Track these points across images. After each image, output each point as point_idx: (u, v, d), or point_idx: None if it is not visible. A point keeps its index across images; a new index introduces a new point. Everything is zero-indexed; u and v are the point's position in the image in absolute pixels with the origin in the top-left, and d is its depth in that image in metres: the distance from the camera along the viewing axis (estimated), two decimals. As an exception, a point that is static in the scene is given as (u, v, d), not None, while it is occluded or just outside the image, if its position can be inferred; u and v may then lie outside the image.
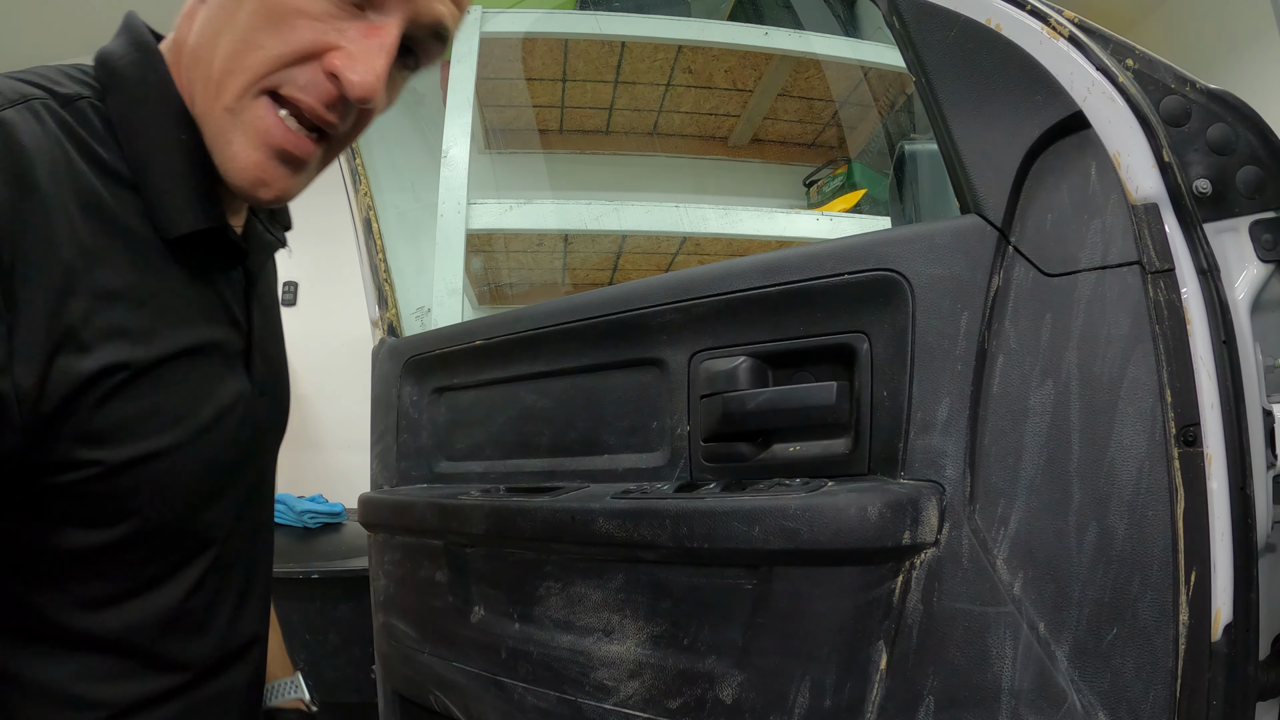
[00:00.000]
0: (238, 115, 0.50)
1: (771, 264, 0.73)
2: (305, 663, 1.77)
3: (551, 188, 2.31)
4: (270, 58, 0.49)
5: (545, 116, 2.21)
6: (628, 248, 2.03)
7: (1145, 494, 0.53)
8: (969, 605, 0.58)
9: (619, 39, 1.81)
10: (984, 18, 0.64)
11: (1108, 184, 0.58)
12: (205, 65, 0.50)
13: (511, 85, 2.02)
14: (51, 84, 0.49)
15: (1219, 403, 0.52)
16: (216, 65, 0.50)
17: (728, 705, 0.67)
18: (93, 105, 0.50)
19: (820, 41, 1.79)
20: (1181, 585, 0.52)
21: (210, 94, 0.50)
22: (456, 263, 1.45)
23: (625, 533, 0.72)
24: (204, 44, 0.51)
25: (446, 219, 1.48)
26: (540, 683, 0.81)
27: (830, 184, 2.14)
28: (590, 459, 0.89)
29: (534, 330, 0.93)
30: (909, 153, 1.32)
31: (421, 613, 0.99)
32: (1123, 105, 0.57)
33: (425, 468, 1.09)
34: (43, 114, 0.47)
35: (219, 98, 0.50)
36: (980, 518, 0.60)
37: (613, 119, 2.23)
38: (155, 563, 0.54)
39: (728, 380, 0.74)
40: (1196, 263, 0.55)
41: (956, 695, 0.58)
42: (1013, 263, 0.61)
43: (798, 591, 0.64)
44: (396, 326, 1.24)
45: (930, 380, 0.63)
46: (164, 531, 0.53)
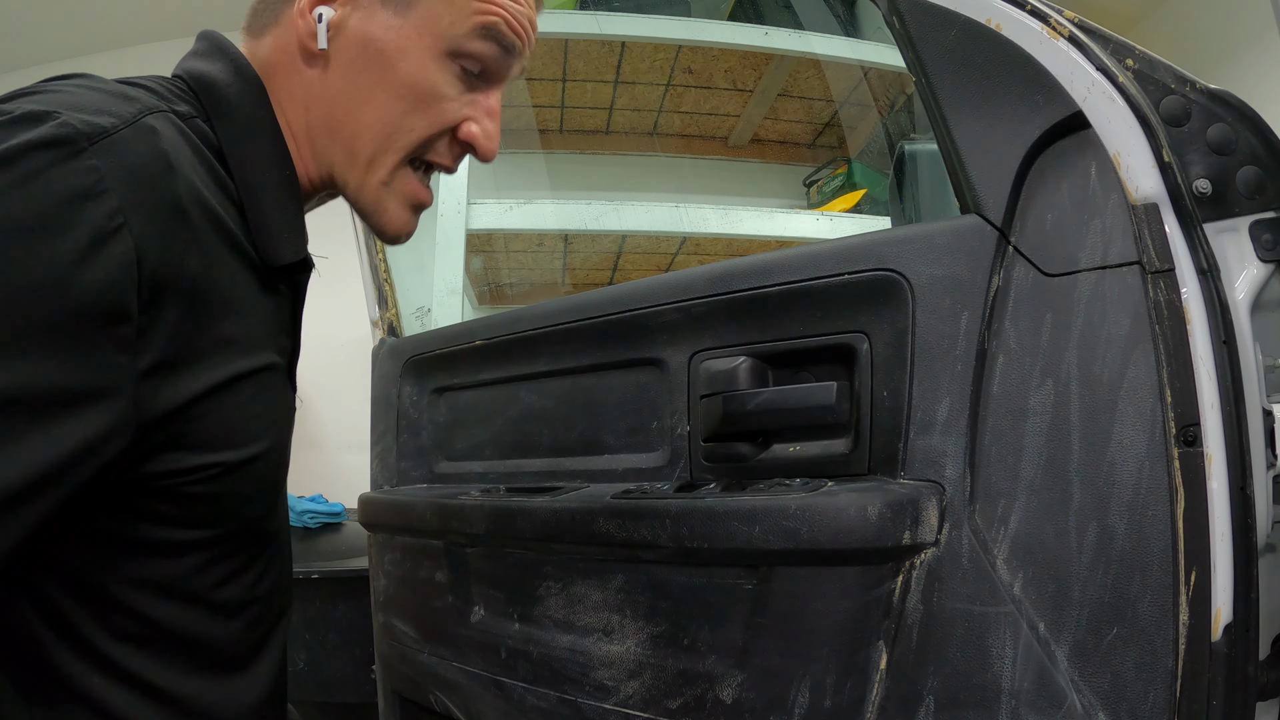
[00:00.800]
0: (391, 186, 0.59)
1: (771, 264, 0.73)
2: (305, 663, 1.78)
3: (551, 188, 2.31)
4: (420, 139, 0.58)
5: (545, 116, 2.21)
6: (628, 248, 2.03)
7: (1145, 494, 0.53)
8: (969, 605, 0.58)
9: (619, 39, 1.81)
10: (984, 18, 0.64)
11: (1108, 184, 0.58)
12: (348, 140, 0.57)
13: (511, 85, 2.02)
14: (166, 100, 0.50)
15: (1219, 403, 0.52)
16: (366, 144, 0.57)
17: (728, 705, 0.67)
18: (204, 126, 0.52)
19: (820, 41, 1.79)
20: (1181, 585, 0.52)
21: (360, 168, 0.58)
22: (456, 263, 1.45)
23: (625, 533, 0.72)
24: (341, 117, 0.57)
25: (446, 219, 1.48)
26: (540, 683, 0.81)
27: (830, 184, 2.14)
28: (590, 459, 0.89)
29: (534, 330, 0.93)
30: (909, 153, 1.32)
31: (421, 613, 0.99)
32: (1123, 105, 0.57)
33: (425, 468, 1.09)
34: (177, 125, 0.48)
35: (373, 172, 0.58)
36: (980, 518, 0.60)
37: (613, 119, 2.23)
38: (236, 557, 0.57)
39: (728, 380, 0.74)
40: (1196, 263, 0.55)
41: (956, 695, 0.58)
42: (1013, 263, 0.61)
43: (798, 592, 0.64)
44: (396, 326, 1.24)
45: (930, 380, 0.63)
46: (250, 529, 0.57)
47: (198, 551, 0.53)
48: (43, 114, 0.40)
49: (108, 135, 0.42)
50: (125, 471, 0.46)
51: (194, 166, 0.47)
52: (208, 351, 0.48)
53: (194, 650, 0.54)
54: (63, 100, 0.42)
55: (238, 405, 0.51)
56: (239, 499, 0.54)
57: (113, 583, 0.49)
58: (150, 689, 0.52)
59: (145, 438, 0.45)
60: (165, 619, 0.52)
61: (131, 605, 0.50)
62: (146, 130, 0.44)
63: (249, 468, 0.53)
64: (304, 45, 0.56)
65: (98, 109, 0.43)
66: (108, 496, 0.47)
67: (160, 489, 0.48)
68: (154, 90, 0.51)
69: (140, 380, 0.43)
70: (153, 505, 0.49)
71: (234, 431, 0.51)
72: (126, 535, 0.49)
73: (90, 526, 0.48)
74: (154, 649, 0.52)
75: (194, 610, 0.53)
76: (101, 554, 0.49)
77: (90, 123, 0.41)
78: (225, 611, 0.56)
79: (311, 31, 0.55)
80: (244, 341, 0.51)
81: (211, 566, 0.54)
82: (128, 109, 0.44)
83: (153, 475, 0.47)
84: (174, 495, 0.49)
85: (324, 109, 0.57)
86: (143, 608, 0.51)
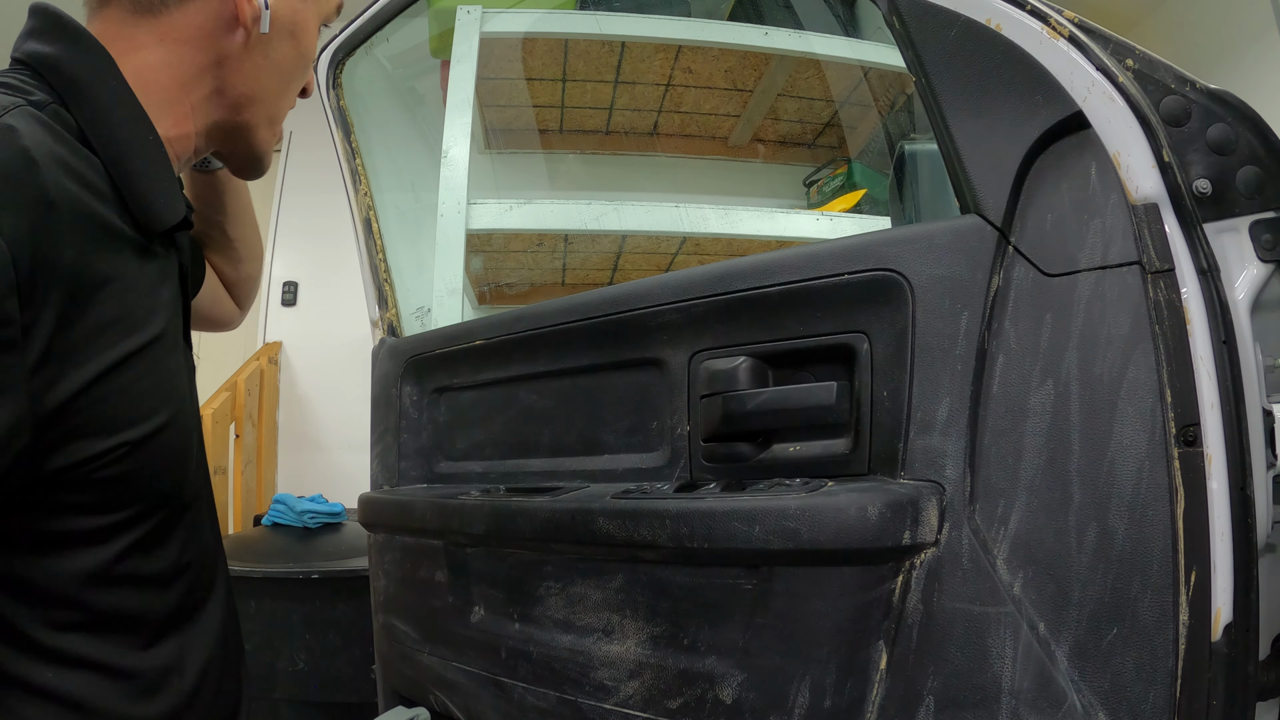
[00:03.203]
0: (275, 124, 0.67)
1: (771, 264, 0.73)
2: (305, 663, 1.78)
3: (551, 188, 2.31)
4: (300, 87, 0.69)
5: (545, 116, 2.21)
6: (628, 248, 2.03)
7: (1145, 494, 0.53)
8: (969, 605, 0.58)
9: (619, 39, 1.81)
10: (984, 18, 0.64)
11: (1108, 184, 0.58)
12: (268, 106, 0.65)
13: (511, 85, 2.02)
14: (20, 92, 0.50)
15: (1219, 403, 0.52)
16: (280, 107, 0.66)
17: (728, 705, 0.67)
18: (60, 110, 0.52)
19: (820, 41, 1.79)
20: (1181, 585, 0.52)
21: (271, 126, 0.66)
22: (456, 263, 1.45)
23: (625, 533, 0.72)
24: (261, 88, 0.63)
25: (446, 219, 1.48)
26: (540, 683, 0.81)
27: (830, 184, 2.14)
28: (590, 459, 0.89)
29: (534, 330, 0.93)
30: (909, 153, 1.32)
31: (421, 613, 0.99)
32: (1123, 105, 0.57)
33: (425, 468, 1.09)
34: (36, 117, 0.48)
35: (274, 127, 0.67)
36: (980, 518, 0.60)
37: (613, 119, 2.23)
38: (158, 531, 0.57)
39: (728, 380, 0.74)
40: (1196, 263, 0.55)
41: (956, 695, 0.58)
42: (1013, 263, 0.61)
43: (798, 591, 0.64)
44: (396, 326, 1.24)
45: (930, 380, 0.63)
46: (167, 500, 0.57)
47: (121, 533, 0.53)
48: None
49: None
50: (33, 468, 0.46)
51: (57, 157, 0.47)
52: (94, 337, 0.48)
53: (137, 625, 0.55)
54: None
55: (132, 383, 0.51)
56: (149, 474, 0.54)
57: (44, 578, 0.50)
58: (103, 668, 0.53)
59: (46, 431, 0.46)
60: (102, 603, 0.53)
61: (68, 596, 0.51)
62: (4, 130, 0.45)
63: (153, 441, 0.54)
64: (229, 26, 0.59)
65: None
66: (21, 496, 0.47)
67: (71, 480, 0.49)
68: (7, 86, 0.50)
69: (31, 376, 0.44)
70: (67, 497, 0.50)
71: (132, 409, 0.52)
72: (48, 530, 0.50)
73: (10, 527, 0.48)
74: (98, 632, 0.53)
75: (128, 589, 0.54)
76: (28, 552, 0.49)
77: None
78: (158, 584, 0.57)
79: (254, 16, 0.59)
80: (129, 318, 0.52)
81: (136, 545, 0.55)
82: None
83: (61, 468, 0.48)
84: (85, 483, 0.50)
85: (242, 81, 0.62)
86: (79, 596, 0.51)
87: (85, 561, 0.52)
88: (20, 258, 0.43)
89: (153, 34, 0.57)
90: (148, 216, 0.54)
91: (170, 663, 0.57)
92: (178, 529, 0.59)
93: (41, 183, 0.45)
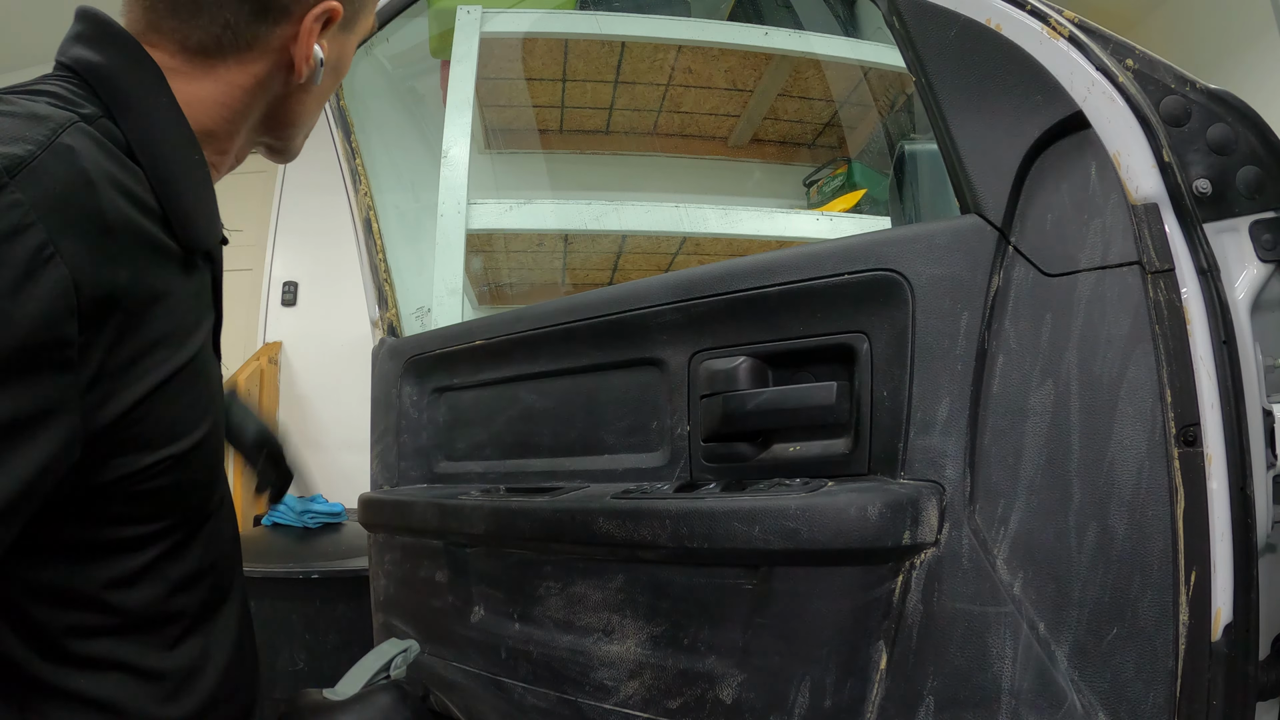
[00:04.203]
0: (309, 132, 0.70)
1: (772, 264, 0.73)
2: (305, 663, 1.78)
3: (551, 188, 2.31)
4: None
5: (545, 116, 2.21)
6: (628, 248, 2.03)
7: (1145, 494, 0.53)
8: (969, 605, 0.58)
9: (619, 39, 1.80)
10: (984, 18, 0.64)
11: (1108, 184, 0.58)
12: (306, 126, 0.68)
13: (511, 85, 2.02)
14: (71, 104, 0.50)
15: (1219, 403, 0.52)
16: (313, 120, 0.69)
17: (728, 705, 0.67)
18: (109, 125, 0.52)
19: (820, 41, 1.78)
20: (1181, 585, 0.52)
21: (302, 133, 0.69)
22: (456, 263, 1.45)
23: (625, 533, 0.72)
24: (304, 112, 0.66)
25: (446, 219, 1.48)
26: (540, 683, 0.81)
27: (830, 184, 2.14)
28: (590, 459, 0.89)
29: (534, 330, 0.93)
30: (909, 153, 1.33)
31: (421, 613, 0.99)
32: (1123, 105, 0.57)
33: (425, 468, 1.09)
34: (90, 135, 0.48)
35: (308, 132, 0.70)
36: (980, 518, 0.60)
37: (613, 119, 2.23)
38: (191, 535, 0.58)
39: (728, 380, 0.74)
40: (1196, 263, 0.55)
41: (956, 695, 0.58)
42: (1013, 263, 0.61)
43: (798, 591, 0.64)
44: (396, 326, 1.24)
45: (930, 380, 0.63)
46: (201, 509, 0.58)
47: (156, 541, 0.54)
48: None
49: (26, 165, 0.42)
50: (80, 481, 0.47)
51: (111, 176, 0.48)
52: (145, 355, 0.49)
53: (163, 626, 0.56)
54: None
55: (177, 398, 0.52)
56: (189, 485, 0.55)
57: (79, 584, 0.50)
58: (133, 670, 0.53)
59: (95, 446, 0.46)
60: (131, 606, 0.53)
61: (104, 602, 0.51)
62: (63, 151, 0.45)
63: (195, 454, 0.54)
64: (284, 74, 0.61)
65: (12, 137, 0.43)
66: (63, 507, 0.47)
67: (116, 492, 0.49)
68: (58, 97, 0.50)
69: (84, 395, 0.44)
70: (109, 508, 0.50)
71: (177, 424, 0.53)
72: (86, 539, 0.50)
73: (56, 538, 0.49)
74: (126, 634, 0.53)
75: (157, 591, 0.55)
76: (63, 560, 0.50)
77: (7, 155, 0.41)
78: (184, 586, 0.57)
79: (311, 69, 0.61)
80: (176, 335, 0.52)
81: (169, 550, 0.55)
82: (41, 132, 0.45)
83: (108, 481, 0.48)
84: (130, 495, 0.50)
85: (288, 112, 0.65)
86: (110, 600, 0.52)
87: (119, 568, 0.52)
88: (82, 282, 0.43)
89: (207, 71, 0.58)
90: (190, 235, 0.55)
91: (194, 663, 0.58)
92: (203, 532, 0.60)
93: (100, 205, 0.45)
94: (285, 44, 0.59)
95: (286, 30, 0.58)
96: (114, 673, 0.52)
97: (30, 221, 0.41)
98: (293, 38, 0.59)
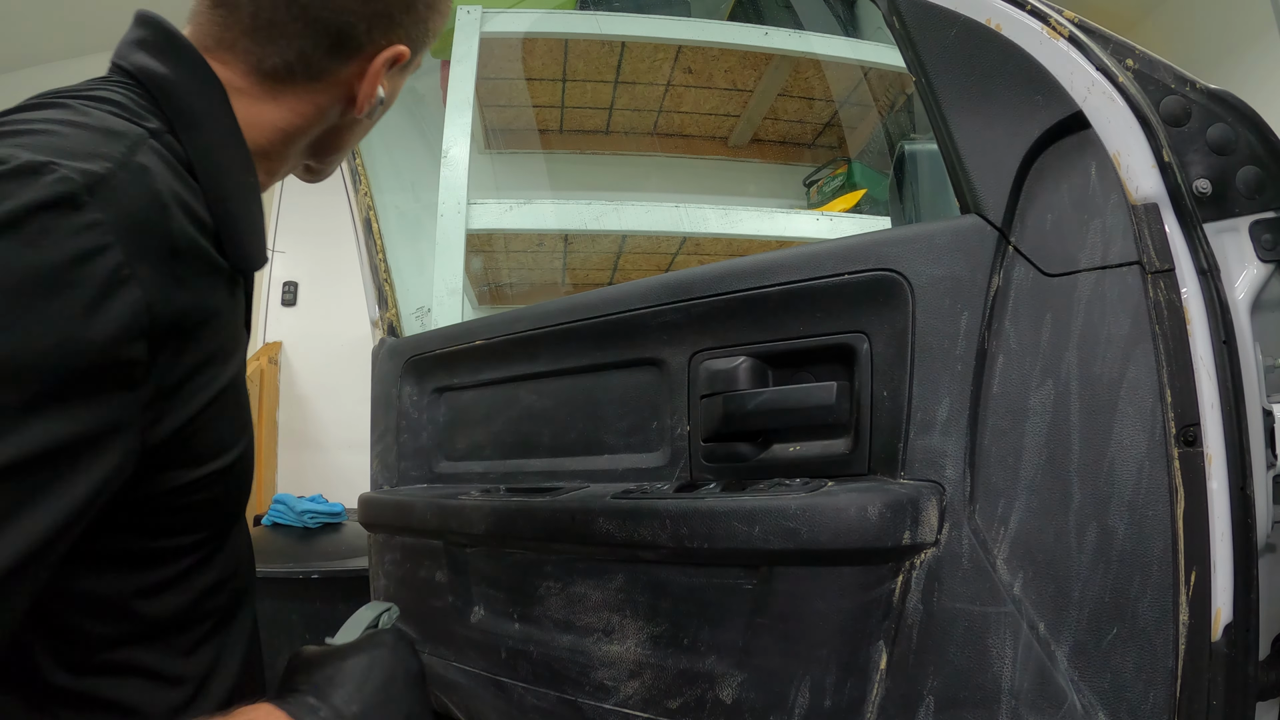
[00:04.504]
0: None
1: (771, 264, 0.73)
2: (305, 663, 1.78)
3: (551, 188, 2.31)
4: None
5: (545, 116, 2.21)
6: (628, 248, 2.03)
7: (1145, 494, 0.53)
8: (969, 605, 0.58)
9: (619, 39, 1.81)
10: (984, 18, 0.64)
11: (1108, 184, 0.58)
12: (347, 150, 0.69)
13: (511, 85, 2.02)
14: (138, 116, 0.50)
15: (1219, 403, 0.52)
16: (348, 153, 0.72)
17: (728, 705, 0.67)
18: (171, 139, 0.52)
19: (820, 41, 1.79)
20: (1181, 585, 0.52)
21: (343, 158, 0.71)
22: (456, 263, 1.45)
23: (625, 533, 0.72)
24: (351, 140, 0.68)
25: (446, 219, 1.48)
26: (540, 683, 0.81)
27: (830, 184, 2.14)
28: (590, 459, 0.89)
29: (534, 330, 0.93)
30: (909, 153, 1.32)
31: (421, 613, 0.99)
32: (1123, 105, 0.57)
33: (425, 468, 1.09)
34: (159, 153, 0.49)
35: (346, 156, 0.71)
36: (980, 518, 0.60)
37: (613, 119, 2.23)
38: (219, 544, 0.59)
39: (728, 380, 0.74)
40: (1196, 263, 0.55)
41: (956, 695, 0.58)
42: (1013, 263, 0.61)
43: (798, 591, 0.64)
44: (396, 326, 1.24)
45: (930, 380, 0.63)
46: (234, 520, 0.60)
47: (191, 551, 0.55)
48: (40, 165, 0.40)
49: (105, 183, 0.42)
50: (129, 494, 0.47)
51: (177, 197, 0.48)
52: (198, 373, 0.49)
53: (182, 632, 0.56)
54: (53, 145, 0.42)
55: (222, 414, 0.53)
56: (227, 499, 0.56)
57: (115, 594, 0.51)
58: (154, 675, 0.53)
59: (148, 461, 0.47)
60: (161, 614, 0.53)
61: (132, 610, 0.52)
62: (139, 171, 0.45)
63: (236, 468, 0.55)
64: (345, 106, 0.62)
65: (90, 152, 0.43)
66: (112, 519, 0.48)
67: (161, 505, 0.50)
68: (123, 107, 0.50)
69: (143, 411, 0.45)
70: (154, 520, 0.51)
71: (223, 440, 0.53)
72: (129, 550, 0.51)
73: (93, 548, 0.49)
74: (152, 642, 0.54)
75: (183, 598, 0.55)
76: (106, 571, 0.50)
77: (87, 172, 0.41)
78: (210, 592, 0.58)
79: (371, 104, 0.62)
80: (223, 352, 0.53)
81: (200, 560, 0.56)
82: (117, 148, 0.45)
83: (154, 494, 0.49)
84: (174, 509, 0.51)
85: (338, 140, 0.66)
86: (141, 609, 0.52)
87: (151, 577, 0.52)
88: (154, 303, 0.43)
89: (272, 95, 0.58)
90: (240, 256, 0.55)
91: (210, 668, 0.58)
92: (228, 540, 0.61)
93: (170, 228, 0.46)
94: (351, 79, 0.60)
95: (354, 67, 0.60)
96: (135, 678, 0.53)
97: (108, 242, 0.41)
98: (359, 75, 0.60)
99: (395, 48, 0.60)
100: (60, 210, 0.39)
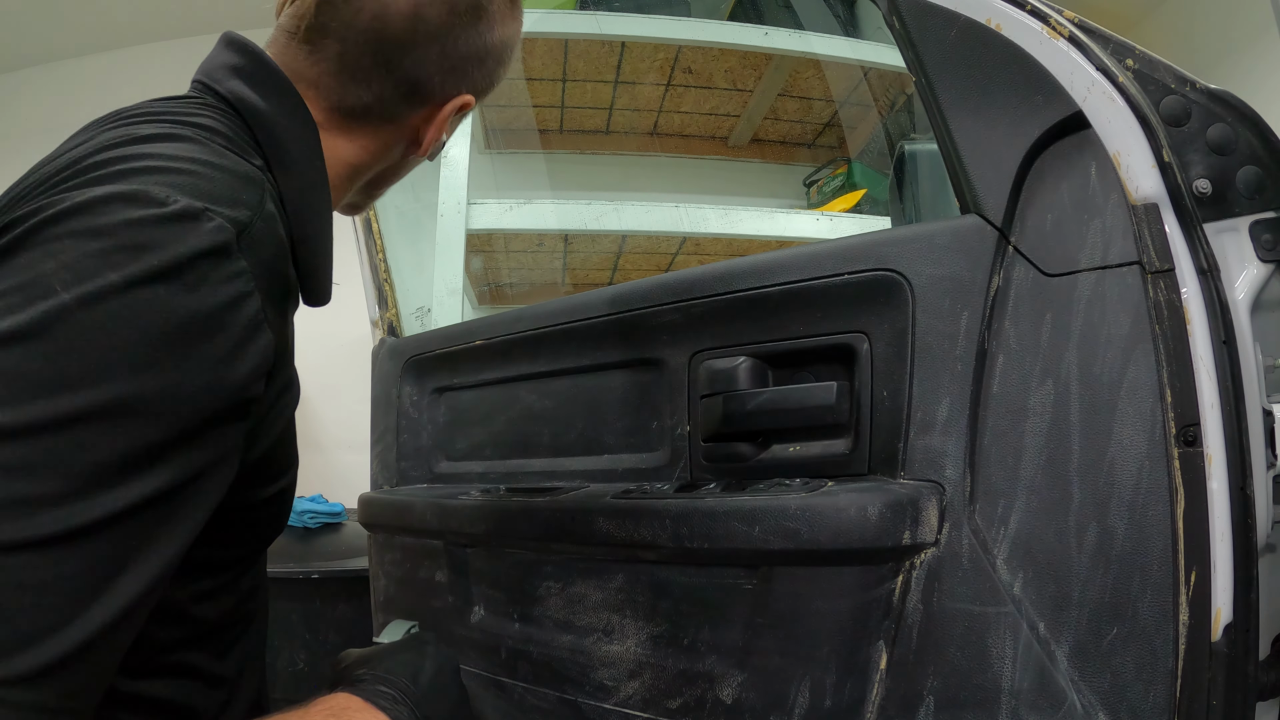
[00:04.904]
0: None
1: (772, 264, 0.73)
2: (305, 663, 1.78)
3: (551, 188, 2.31)
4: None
5: (545, 116, 2.21)
6: (628, 248, 2.03)
7: (1145, 494, 0.53)
8: (969, 605, 0.58)
9: (619, 39, 1.81)
10: (984, 18, 0.64)
11: (1108, 184, 0.58)
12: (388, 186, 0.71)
13: (511, 85, 2.02)
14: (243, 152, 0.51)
15: (1219, 403, 0.52)
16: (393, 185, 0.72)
17: (728, 705, 0.67)
18: (271, 177, 0.54)
19: (820, 41, 1.79)
20: (1181, 585, 0.52)
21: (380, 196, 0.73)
22: (456, 263, 1.45)
23: (625, 533, 0.72)
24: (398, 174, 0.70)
25: (446, 219, 1.49)
26: (540, 683, 0.81)
27: (830, 184, 2.14)
28: (590, 459, 0.89)
29: (534, 330, 0.93)
30: (909, 153, 1.32)
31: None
32: (1123, 105, 0.57)
33: (425, 468, 1.09)
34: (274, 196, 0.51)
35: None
36: (980, 518, 0.60)
37: (613, 119, 2.23)
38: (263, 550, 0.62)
39: (728, 380, 0.74)
40: (1196, 263, 0.55)
41: (956, 695, 0.58)
42: (1013, 263, 0.61)
43: (798, 591, 0.64)
44: (396, 326, 1.24)
45: (930, 380, 0.63)
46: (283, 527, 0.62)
47: (247, 558, 0.58)
48: (199, 212, 0.41)
49: (248, 231, 0.44)
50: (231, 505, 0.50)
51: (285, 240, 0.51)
52: (279, 399, 0.52)
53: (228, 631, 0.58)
54: (202, 190, 0.43)
55: (289, 434, 0.56)
56: (282, 513, 0.59)
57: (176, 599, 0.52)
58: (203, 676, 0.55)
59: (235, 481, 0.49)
60: (211, 617, 0.55)
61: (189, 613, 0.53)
62: (270, 219, 0.47)
63: (293, 485, 0.59)
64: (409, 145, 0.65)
65: (234, 199, 0.44)
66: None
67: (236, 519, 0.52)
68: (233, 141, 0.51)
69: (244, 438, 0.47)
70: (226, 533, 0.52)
71: (287, 459, 0.57)
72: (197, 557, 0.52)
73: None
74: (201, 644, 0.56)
75: (231, 602, 0.58)
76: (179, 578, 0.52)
77: (236, 220, 0.43)
78: (250, 595, 0.60)
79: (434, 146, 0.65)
80: (293, 379, 0.56)
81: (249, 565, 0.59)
82: (254, 195, 0.46)
83: (232, 508, 0.50)
84: (248, 521, 0.54)
85: (393, 174, 0.69)
86: (196, 613, 0.54)
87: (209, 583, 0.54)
88: (277, 343, 0.46)
89: (346, 132, 0.60)
90: (313, 293, 0.59)
91: (239, 668, 0.60)
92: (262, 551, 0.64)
93: (287, 274, 0.49)
94: (418, 123, 0.63)
95: (423, 113, 0.62)
96: (187, 679, 0.54)
97: (252, 289, 0.43)
98: (427, 119, 0.63)
99: (463, 97, 0.63)
100: (216, 258, 0.41)
